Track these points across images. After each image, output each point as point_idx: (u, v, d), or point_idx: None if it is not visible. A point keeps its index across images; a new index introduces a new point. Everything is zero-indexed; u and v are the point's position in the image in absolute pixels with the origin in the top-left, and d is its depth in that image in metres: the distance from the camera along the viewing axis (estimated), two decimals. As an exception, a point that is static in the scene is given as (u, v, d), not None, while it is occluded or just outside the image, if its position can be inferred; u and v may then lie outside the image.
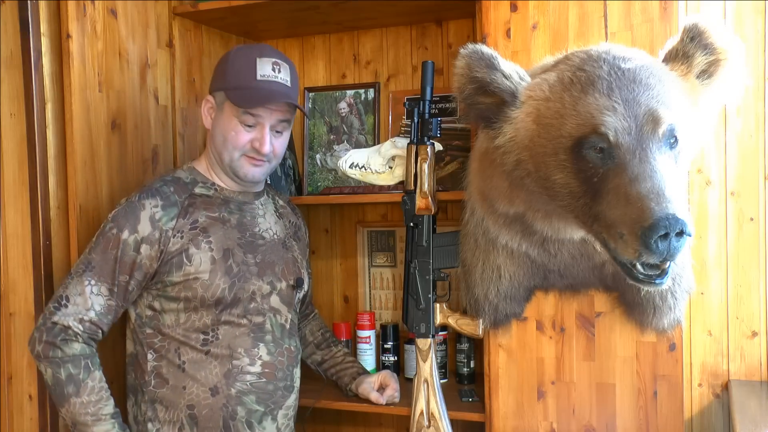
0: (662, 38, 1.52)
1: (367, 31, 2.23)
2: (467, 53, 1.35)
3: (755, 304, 1.80)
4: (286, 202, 1.86)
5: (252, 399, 1.57)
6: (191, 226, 1.56)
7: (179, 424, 1.54)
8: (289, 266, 1.70)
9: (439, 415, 1.70)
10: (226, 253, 1.58)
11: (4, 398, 1.75)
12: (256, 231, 1.66)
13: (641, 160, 1.20)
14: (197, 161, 1.70)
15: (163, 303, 1.56)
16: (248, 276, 1.60)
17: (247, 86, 1.57)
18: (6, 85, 1.71)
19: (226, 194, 1.65)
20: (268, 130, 1.58)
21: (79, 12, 1.72)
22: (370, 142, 2.16)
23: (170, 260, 1.53)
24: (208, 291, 1.54)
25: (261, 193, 1.73)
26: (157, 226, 1.53)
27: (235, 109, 1.56)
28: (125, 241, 1.51)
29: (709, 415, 1.84)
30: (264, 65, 1.58)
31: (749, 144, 1.80)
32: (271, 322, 1.63)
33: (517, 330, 1.68)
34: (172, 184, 1.60)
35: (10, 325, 1.74)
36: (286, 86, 1.60)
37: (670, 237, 1.12)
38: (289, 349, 1.66)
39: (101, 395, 1.50)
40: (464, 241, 1.69)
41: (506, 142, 1.37)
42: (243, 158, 1.60)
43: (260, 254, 1.64)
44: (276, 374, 1.61)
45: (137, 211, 1.53)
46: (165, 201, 1.56)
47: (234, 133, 1.58)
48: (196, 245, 1.55)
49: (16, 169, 1.72)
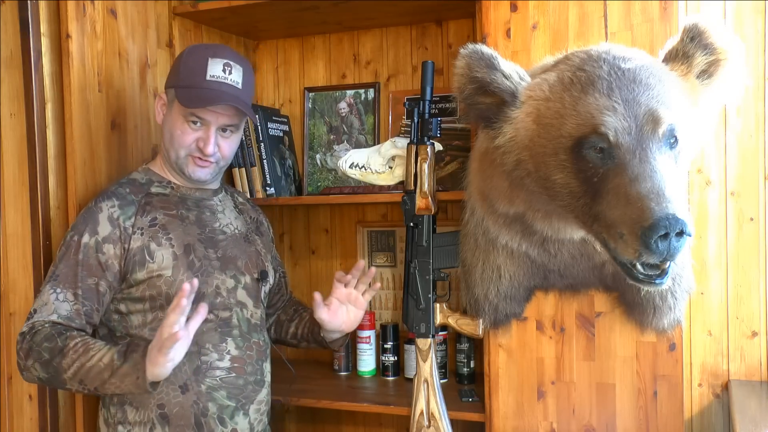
0: (662, 38, 1.52)
1: (367, 31, 2.24)
2: (467, 53, 1.35)
3: (755, 304, 1.80)
4: (246, 200, 1.86)
5: (223, 394, 1.56)
6: (150, 223, 1.56)
7: (150, 424, 1.52)
8: (252, 259, 1.69)
9: (439, 415, 1.71)
10: (187, 249, 1.57)
11: (4, 398, 1.75)
12: (216, 226, 1.66)
13: (641, 160, 1.20)
14: (152, 162, 1.69)
15: (128, 305, 1.54)
16: (211, 270, 1.59)
17: (196, 86, 1.55)
18: (6, 85, 1.71)
19: (183, 192, 1.64)
20: (214, 130, 1.57)
21: (79, 12, 1.72)
22: (370, 142, 2.16)
23: (133, 258, 1.52)
24: (172, 287, 1.52)
25: (218, 191, 1.73)
26: (117, 224, 1.52)
27: (182, 108, 1.55)
28: (86, 245, 1.51)
29: (709, 415, 1.84)
30: (215, 65, 1.56)
31: (749, 144, 1.80)
32: (238, 316, 1.61)
33: (517, 330, 1.68)
34: (127, 185, 1.60)
35: (10, 325, 1.74)
36: (236, 88, 1.57)
37: (670, 237, 1.12)
38: (258, 344, 1.65)
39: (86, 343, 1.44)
40: (464, 241, 1.69)
41: (506, 142, 1.37)
42: (188, 158, 1.58)
43: (221, 249, 1.63)
44: (245, 368, 1.60)
45: (95, 214, 1.53)
46: (122, 201, 1.56)
47: (180, 132, 1.57)
48: (157, 242, 1.54)
49: (16, 169, 1.72)
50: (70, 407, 1.72)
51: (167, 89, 1.62)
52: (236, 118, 1.60)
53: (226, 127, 1.59)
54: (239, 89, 1.58)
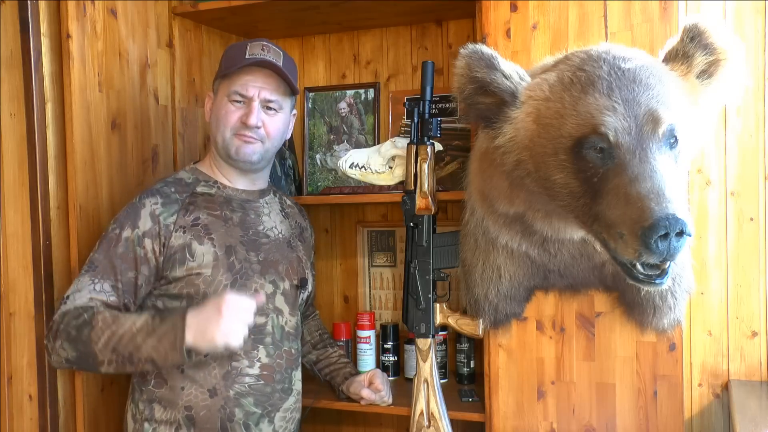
0: (662, 38, 1.52)
1: (367, 31, 2.24)
2: (467, 53, 1.35)
3: (755, 304, 1.80)
4: (294, 204, 1.87)
5: (250, 401, 1.57)
6: (193, 222, 1.57)
7: (176, 424, 1.54)
8: (293, 266, 1.69)
9: (439, 415, 1.71)
10: (229, 250, 1.58)
11: (4, 398, 1.75)
12: (259, 229, 1.66)
13: (641, 160, 1.20)
14: (201, 161, 1.71)
15: (165, 302, 1.56)
16: (250, 273, 1.59)
17: (237, 64, 1.60)
18: (6, 85, 1.71)
19: (229, 192, 1.66)
20: (257, 104, 1.59)
21: (79, 12, 1.72)
22: (370, 142, 2.16)
23: (173, 255, 1.53)
24: (210, 287, 1.53)
25: (266, 192, 1.74)
26: (158, 221, 1.54)
27: (225, 89, 1.60)
28: (127, 238, 1.52)
29: (709, 415, 1.84)
30: (254, 47, 1.61)
31: (749, 144, 1.80)
32: (273, 323, 1.62)
33: (517, 330, 1.68)
34: (173, 184, 1.62)
35: (10, 325, 1.74)
36: (276, 64, 1.60)
37: (670, 237, 1.12)
38: (289, 352, 1.65)
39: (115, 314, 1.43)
40: (464, 241, 1.69)
41: (506, 142, 1.37)
42: (234, 137, 1.60)
43: (263, 252, 1.63)
44: (274, 377, 1.60)
45: (138, 209, 1.55)
46: (165, 199, 1.57)
47: (224, 113, 1.60)
48: (199, 241, 1.55)
49: (16, 169, 1.72)
50: (70, 407, 1.72)
51: (213, 84, 1.68)
52: (279, 93, 1.62)
53: (269, 104, 1.61)
54: (278, 65, 1.60)
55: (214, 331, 1.36)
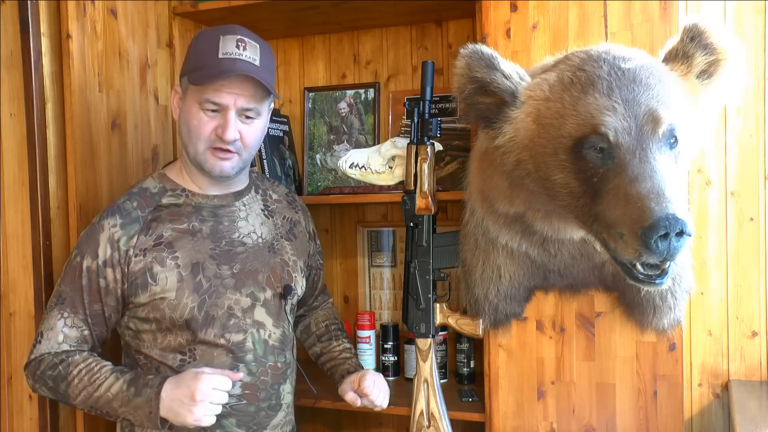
0: (662, 38, 1.52)
1: (367, 31, 2.24)
2: (467, 53, 1.35)
3: (755, 304, 1.80)
4: (283, 195, 1.72)
5: (232, 422, 1.48)
6: (155, 242, 1.46)
7: None
8: (276, 272, 1.57)
9: (439, 415, 1.71)
10: (195, 268, 1.47)
11: (4, 398, 1.75)
12: (234, 237, 1.53)
13: (641, 160, 1.19)
14: (170, 165, 1.59)
15: (137, 324, 1.49)
16: (222, 290, 1.48)
17: (207, 65, 1.42)
18: (6, 85, 1.71)
19: (199, 201, 1.53)
20: (233, 114, 1.43)
21: (79, 12, 1.72)
22: (370, 142, 2.16)
23: (135, 281, 1.45)
24: (176, 311, 1.44)
25: (244, 192, 1.60)
26: (117, 247, 1.45)
27: (196, 95, 1.43)
28: (88, 269, 1.45)
29: (709, 415, 1.84)
30: (227, 42, 1.42)
31: (749, 144, 1.80)
32: (253, 338, 1.50)
33: (517, 330, 1.68)
34: (137, 197, 1.51)
35: (10, 325, 1.74)
36: (253, 65, 1.43)
37: (670, 237, 1.12)
38: (275, 366, 1.53)
39: (90, 370, 1.43)
40: (464, 241, 1.69)
41: (506, 142, 1.37)
42: (207, 152, 1.45)
43: (239, 263, 1.52)
44: (258, 395, 1.50)
45: (97, 234, 1.46)
46: (125, 219, 1.47)
47: (196, 122, 1.44)
48: (161, 263, 1.45)
49: (16, 169, 1.72)
50: (70, 407, 1.71)
51: (180, 79, 1.51)
52: (256, 100, 1.45)
53: (247, 112, 1.45)
54: (257, 66, 1.44)
55: (186, 415, 1.36)
